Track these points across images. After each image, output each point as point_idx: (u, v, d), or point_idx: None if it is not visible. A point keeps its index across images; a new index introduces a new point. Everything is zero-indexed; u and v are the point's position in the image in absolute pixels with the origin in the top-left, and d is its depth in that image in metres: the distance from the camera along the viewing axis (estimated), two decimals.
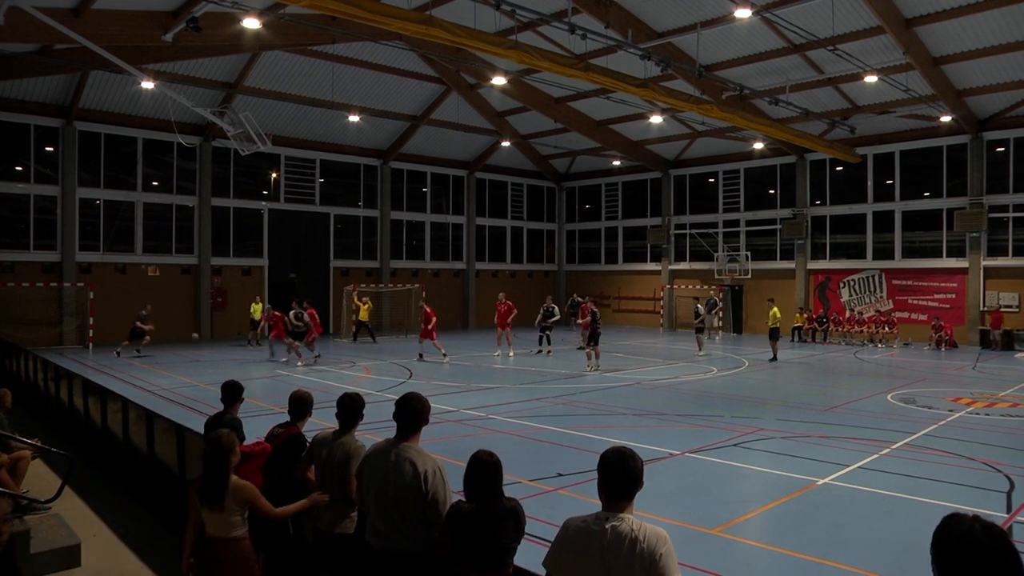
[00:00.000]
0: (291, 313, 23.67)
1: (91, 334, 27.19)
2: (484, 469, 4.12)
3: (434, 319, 23.90)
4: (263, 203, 33.38)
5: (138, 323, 24.46)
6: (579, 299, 32.34)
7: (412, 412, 4.53)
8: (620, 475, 3.37)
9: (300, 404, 6.05)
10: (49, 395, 14.38)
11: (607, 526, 3.28)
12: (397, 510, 4.32)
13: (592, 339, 21.45)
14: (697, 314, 27.34)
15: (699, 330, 26.92)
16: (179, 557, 7.38)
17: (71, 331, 27.91)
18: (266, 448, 5.97)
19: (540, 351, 25.92)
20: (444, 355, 23.53)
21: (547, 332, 26.42)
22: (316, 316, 23.79)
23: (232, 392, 6.84)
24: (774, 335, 24.70)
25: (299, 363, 22.51)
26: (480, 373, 21.01)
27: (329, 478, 5.19)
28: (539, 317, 26.94)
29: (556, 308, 27.46)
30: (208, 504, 4.85)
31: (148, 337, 24.76)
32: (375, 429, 10.00)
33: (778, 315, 24.97)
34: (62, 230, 28.03)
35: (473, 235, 40.66)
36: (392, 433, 4.56)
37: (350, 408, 5.33)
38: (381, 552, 4.39)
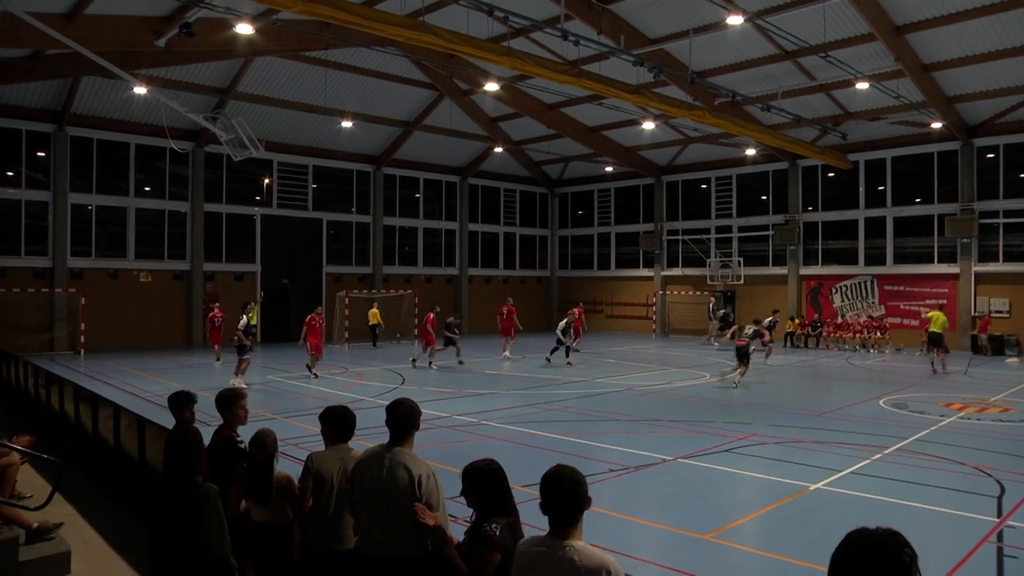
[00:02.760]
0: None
1: (83, 340, 27.11)
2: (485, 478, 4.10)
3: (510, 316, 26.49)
4: (256, 209, 33.33)
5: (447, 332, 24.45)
6: (727, 312, 33.17)
7: (402, 417, 4.53)
8: (557, 500, 3.25)
9: (221, 403, 6.00)
10: (40, 401, 14.31)
11: (548, 552, 3.20)
12: (391, 516, 4.31)
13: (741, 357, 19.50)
14: (770, 326, 25.62)
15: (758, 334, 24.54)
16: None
17: (62, 337, 27.81)
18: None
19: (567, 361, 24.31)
20: (506, 354, 26.01)
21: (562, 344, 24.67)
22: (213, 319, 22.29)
23: (180, 401, 6.39)
24: (935, 341, 22.77)
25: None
26: (473, 379, 20.99)
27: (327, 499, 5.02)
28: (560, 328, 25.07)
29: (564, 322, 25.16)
30: (258, 502, 5.24)
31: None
32: (366, 435, 9.96)
33: (942, 321, 23.09)
34: (54, 235, 27.93)
35: (466, 241, 40.65)
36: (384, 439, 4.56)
37: (342, 421, 5.20)
38: (375, 558, 4.36)
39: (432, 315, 24.40)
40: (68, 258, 28.22)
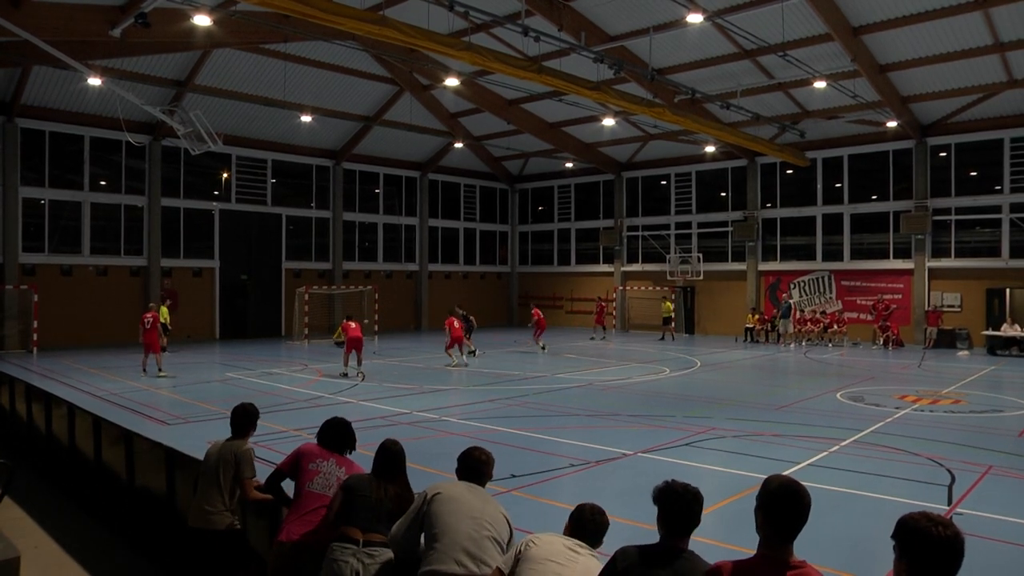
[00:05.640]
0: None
1: (35, 338, 26.46)
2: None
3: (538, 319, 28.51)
4: (214, 203, 32.86)
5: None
6: (790, 301, 32.57)
7: (593, 526, 4.15)
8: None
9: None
10: None
11: None
12: None
13: None
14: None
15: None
16: (126, 566, 7.25)
17: (13, 335, 27.14)
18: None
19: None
20: (543, 347, 27.73)
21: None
22: (155, 319, 20.26)
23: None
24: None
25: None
26: (433, 375, 20.93)
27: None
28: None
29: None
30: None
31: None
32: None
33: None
34: (4, 231, 27.19)
35: (426, 236, 40.50)
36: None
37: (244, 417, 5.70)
38: None
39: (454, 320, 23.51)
40: (19, 254, 27.54)
